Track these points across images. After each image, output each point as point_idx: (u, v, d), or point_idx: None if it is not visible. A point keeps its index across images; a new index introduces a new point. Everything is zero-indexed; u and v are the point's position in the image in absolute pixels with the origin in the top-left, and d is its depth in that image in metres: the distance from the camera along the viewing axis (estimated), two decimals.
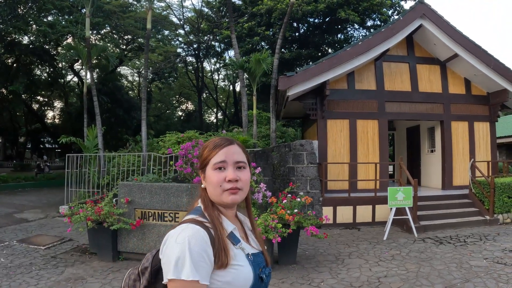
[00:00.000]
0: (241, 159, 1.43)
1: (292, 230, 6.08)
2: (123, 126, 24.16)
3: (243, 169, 1.42)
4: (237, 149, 1.44)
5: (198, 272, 1.20)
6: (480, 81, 12.70)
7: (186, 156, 7.07)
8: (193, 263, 1.20)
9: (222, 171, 1.39)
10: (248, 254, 1.38)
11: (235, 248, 1.35)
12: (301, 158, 10.92)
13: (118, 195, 6.94)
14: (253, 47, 22.42)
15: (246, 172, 1.43)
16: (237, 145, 1.46)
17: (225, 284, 1.27)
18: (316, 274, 6.04)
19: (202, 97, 33.57)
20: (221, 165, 1.39)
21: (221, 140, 1.45)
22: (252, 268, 1.34)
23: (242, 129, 14.55)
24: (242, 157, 1.44)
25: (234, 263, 1.29)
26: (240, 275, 1.30)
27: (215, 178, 1.39)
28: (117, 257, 6.80)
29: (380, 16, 22.15)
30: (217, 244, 1.28)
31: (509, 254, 7.20)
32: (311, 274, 5.99)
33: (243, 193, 1.41)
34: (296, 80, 10.86)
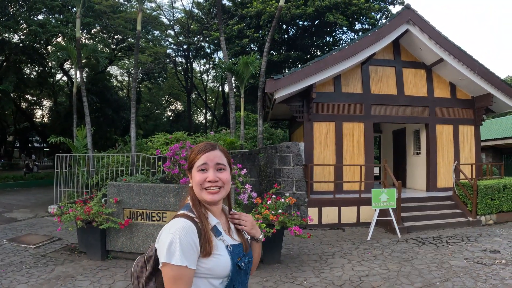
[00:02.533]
0: (221, 161, 1.64)
1: (276, 230, 6.23)
2: (112, 126, 24.18)
3: (223, 171, 1.63)
4: (218, 153, 1.65)
5: (187, 259, 1.41)
6: (465, 85, 12.99)
7: (173, 157, 7.20)
8: (182, 251, 1.41)
9: (204, 173, 1.60)
10: (228, 245, 1.59)
11: (216, 240, 1.56)
12: (287, 160, 11.10)
13: (107, 195, 7.07)
14: (242, 49, 22.57)
15: (225, 173, 1.64)
16: (219, 150, 1.68)
17: (207, 270, 1.50)
18: (300, 273, 6.20)
19: (191, 97, 33.60)
20: (203, 167, 1.61)
21: (205, 146, 1.67)
22: (230, 258, 1.55)
23: (230, 130, 14.67)
24: (222, 160, 1.65)
25: (215, 253, 1.51)
26: (220, 263, 1.52)
27: (197, 178, 1.61)
28: (106, 256, 6.92)
29: (368, 20, 22.43)
30: (202, 236, 1.49)
31: (490, 254, 7.40)
32: (294, 273, 6.16)
33: (224, 191, 1.63)
34: (283, 83, 11.01)
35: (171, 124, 36.70)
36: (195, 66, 33.68)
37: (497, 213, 10.75)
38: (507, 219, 10.90)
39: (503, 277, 5.97)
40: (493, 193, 10.67)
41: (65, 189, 11.77)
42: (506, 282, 5.77)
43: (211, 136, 13.88)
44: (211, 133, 14.34)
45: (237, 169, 7.49)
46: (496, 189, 10.72)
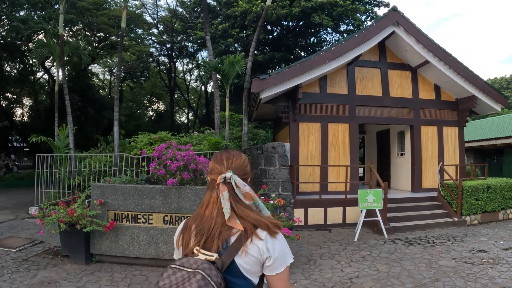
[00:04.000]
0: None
1: None
2: (94, 126, 23.76)
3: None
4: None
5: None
6: (449, 87, 13.14)
7: (159, 157, 7.04)
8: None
9: None
10: None
11: None
12: (273, 161, 11.00)
13: (91, 197, 6.84)
14: (226, 49, 22.46)
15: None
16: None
17: None
18: (289, 275, 6.10)
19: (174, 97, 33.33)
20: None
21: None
22: None
23: (215, 130, 14.54)
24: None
25: None
26: None
27: None
28: (90, 259, 6.69)
29: (353, 21, 22.55)
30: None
31: (477, 254, 7.49)
32: None
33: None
34: (269, 83, 10.94)
35: (152, 124, 36.26)
36: (178, 66, 33.50)
37: (482, 213, 10.90)
38: (491, 219, 11.07)
39: (492, 277, 6.02)
40: (477, 194, 10.79)
41: (46, 190, 11.45)
42: (495, 281, 5.81)
43: (195, 136, 13.73)
44: (194, 133, 14.19)
45: None
46: (480, 190, 10.86)
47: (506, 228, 10.23)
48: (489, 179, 12.25)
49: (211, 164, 1.71)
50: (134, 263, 6.58)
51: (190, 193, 6.53)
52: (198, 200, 6.44)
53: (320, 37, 25.55)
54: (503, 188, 11.29)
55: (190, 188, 6.58)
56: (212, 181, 1.67)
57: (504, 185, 11.34)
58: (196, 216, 1.66)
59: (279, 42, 24.09)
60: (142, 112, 41.69)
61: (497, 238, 9.03)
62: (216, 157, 1.73)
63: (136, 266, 6.50)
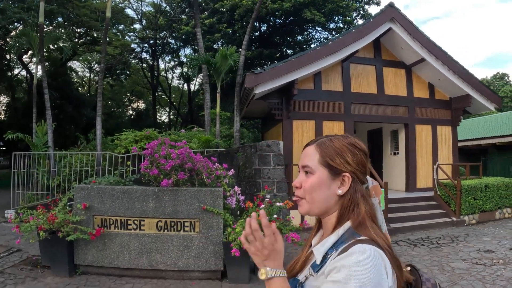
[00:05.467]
0: (306, 162, 1.22)
1: None
2: (72, 124, 22.81)
3: (309, 174, 1.21)
4: (308, 151, 1.25)
5: None
6: (444, 86, 12.90)
7: (152, 155, 6.39)
8: None
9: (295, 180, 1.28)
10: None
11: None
12: (267, 160, 10.45)
13: (74, 200, 6.08)
14: (212, 45, 21.88)
15: (310, 179, 1.20)
16: (312, 145, 1.26)
17: None
18: None
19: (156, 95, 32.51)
20: (299, 170, 1.28)
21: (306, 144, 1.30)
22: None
23: (205, 128, 13.94)
24: (308, 159, 1.22)
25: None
26: None
27: None
28: (74, 271, 5.91)
29: (343, 19, 22.25)
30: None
31: (485, 254, 7.25)
32: None
33: (305, 203, 1.22)
34: (264, 78, 10.42)
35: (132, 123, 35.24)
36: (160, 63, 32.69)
37: (480, 213, 10.76)
38: (488, 218, 10.94)
39: (509, 278, 5.86)
40: (476, 193, 10.59)
41: (23, 192, 10.62)
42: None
43: (183, 134, 13.13)
44: (181, 131, 13.59)
45: (223, 170, 6.76)
46: (478, 189, 10.67)
47: (505, 227, 10.07)
48: (485, 178, 12.09)
49: (365, 160, 1.24)
50: (124, 274, 5.84)
51: (187, 196, 5.89)
52: (196, 203, 5.83)
53: (309, 35, 25.16)
54: (500, 187, 11.18)
55: (187, 189, 5.95)
56: (362, 184, 1.22)
57: (501, 184, 11.25)
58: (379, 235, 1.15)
59: (267, 39, 23.60)
60: (122, 110, 40.61)
61: (499, 237, 8.86)
62: (360, 145, 1.25)
63: (127, 278, 5.77)
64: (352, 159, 1.18)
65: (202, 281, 5.66)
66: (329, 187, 1.18)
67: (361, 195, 1.17)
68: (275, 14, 21.59)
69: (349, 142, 1.22)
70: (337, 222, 1.18)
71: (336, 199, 1.18)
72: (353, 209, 1.16)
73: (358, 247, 1.04)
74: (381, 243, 1.08)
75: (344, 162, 1.17)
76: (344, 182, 1.17)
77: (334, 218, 1.19)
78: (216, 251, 5.71)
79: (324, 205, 1.19)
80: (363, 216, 1.14)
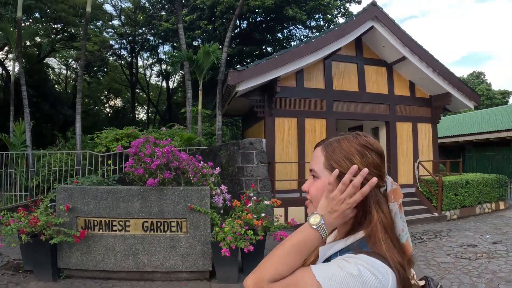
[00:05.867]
0: (312, 165, 1.17)
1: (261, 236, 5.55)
2: (49, 122, 22.22)
3: (316, 179, 1.15)
4: (315, 153, 1.18)
5: None
6: (424, 84, 13.08)
7: (137, 154, 6.24)
8: None
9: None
10: None
11: None
12: (250, 157, 10.39)
13: (56, 201, 5.86)
14: (191, 42, 21.67)
15: (315, 184, 1.15)
16: (321, 148, 1.17)
17: None
18: None
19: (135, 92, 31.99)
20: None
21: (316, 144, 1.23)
22: None
23: (185, 125, 13.75)
24: (315, 162, 1.16)
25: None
26: None
27: None
28: (58, 275, 5.69)
29: (324, 17, 22.30)
30: None
31: (469, 249, 7.43)
32: None
33: (313, 207, 1.15)
34: (247, 75, 10.35)
35: (110, 121, 34.63)
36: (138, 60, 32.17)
37: (460, 208, 11.00)
38: (469, 213, 11.20)
39: (494, 271, 6.00)
40: (456, 189, 10.81)
41: (1, 193, 10.27)
42: (499, 275, 5.79)
43: (164, 132, 12.93)
44: (162, 129, 13.38)
45: (209, 168, 6.67)
46: (459, 185, 10.90)
47: (486, 222, 10.31)
48: (465, 175, 12.36)
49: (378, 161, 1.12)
50: (110, 277, 5.66)
51: (174, 195, 5.76)
52: (183, 203, 5.72)
53: (289, 32, 25.16)
54: (480, 183, 11.47)
55: (173, 189, 5.82)
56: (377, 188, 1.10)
57: (480, 180, 11.55)
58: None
59: (247, 36, 23.51)
60: (99, 108, 39.84)
61: (481, 232, 9.07)
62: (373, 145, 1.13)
63: (113, 280, 5.60)
64: (360, 161, 1.07)
65: (190, 281, 5.56)
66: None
67: (374, 201, 1.07)
68: (256, 12, 21.50)
69: (359, 142, 1.11)
70: (351, 229, 1.10)
71: None
72: (365, 217, 1.06)
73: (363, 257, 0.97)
74: (390, 261, 0.98)
75: (350, 165, 1.05)
76: None
77: (348, 226, 1.10)
78: (204, 251, 5.62)
79: None
80: (375, 225, 1.04)
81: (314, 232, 1.02)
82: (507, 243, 7.94)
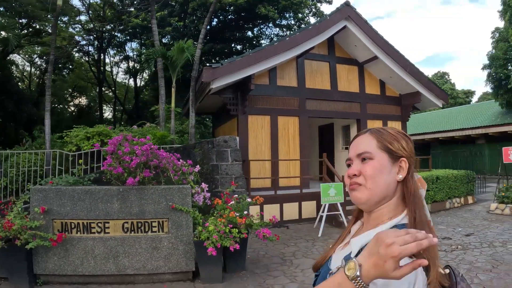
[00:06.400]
0: (364, 149, 1.18)
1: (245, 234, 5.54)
2: (13, 121, 21.37)
3: (368, 160, 1.16)
4: (363, 138, 1.22)
5: None
6: (394, 83, 13.41)
7: (115, 153, 6.08)
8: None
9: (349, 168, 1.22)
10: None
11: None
12: (225, 155, 10.34)
13: (31, 203, 5.59)
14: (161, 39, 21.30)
15: (370, 164, 1.15)
16: (368, 134, 1.23)
17: None
18: (273, 279, 5.57)
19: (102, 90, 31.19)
20: (348, 163, 1.24)
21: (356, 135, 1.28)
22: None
23: (155, 124, 13.51)
24: (366, 146, 1.18)
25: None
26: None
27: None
28: (34, 281, 5.43)
29: (294, 16, 22.41)
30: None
31: (444, 241, 7.76)
32: (268, 281, 5.50)
33: (365, 190, 1.14)
34: (221, 72, 10.27)
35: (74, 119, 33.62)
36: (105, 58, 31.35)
37: (431, 203, 11.39)
38: (440, 208, 11.64)
39: (471, 261, 6.28)
40: (428, 184, 11.10)
41: None
42: (476, 265, 6.07)
43: (136, 130, 12.66)
44: (134, 127, 13.11)
45: (188, 166, 6.58)
46: (430, 181, 11.23)
47: (456, 216, 10.73)
48: (435, 171, 12.78)
49: (413, 148, 1.22)
50: (89, 282, 5.47)
51: (154, 194, 5.64)
52: (164, 202, 5.62)
53: (260, 30, 25.15)
54: (449, 178, 11.90)
55: (154, 188, 5.69)
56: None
57: (450, 176, 11.98)
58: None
59: (217, 34, 23.36)
60: (63, 107, 38.61)
61: (453, 225, 9.42)
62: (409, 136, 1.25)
63: (93, 285, 5.43)
64: (406, 145, 1.18)
65: (173, 283, 5.47)
66: (389, 172, 1.14)
67: (415, 182, 1.15)
68: (228, 9, 21.36)
69: (400, 131, 1.22)
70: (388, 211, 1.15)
71: (395, 186, 1.15)
72: (413, 195, 1.12)
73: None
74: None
75: (401, 147, 1.16)
76: (402, 168, 1.15)
77: (385, 208, 1.15)
78: (186, 251, 5.54)
79: (385, 191, 1.13)
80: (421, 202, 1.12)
81: (348, 283, 0.89)
82: (479, 235, 8.31)
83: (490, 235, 8.25)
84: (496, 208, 11.06)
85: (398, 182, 1.15)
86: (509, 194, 10.95)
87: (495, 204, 11.22)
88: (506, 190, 11.24)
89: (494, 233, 8.49)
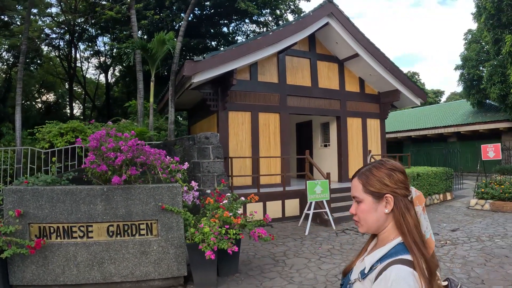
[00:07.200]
0: (354, 193, 1.44)
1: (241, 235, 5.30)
2: None
3: (360, 203, 1.41)
4: (355, 182, 1.44)
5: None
6: (374, 81, 13.47)
7: (98, 149, 5.66)
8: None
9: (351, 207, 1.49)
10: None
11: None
12: (206, 153, 10.01)
13: (4, 206, 5.07)
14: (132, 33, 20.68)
15: (360, 206, 1.41)
16: (357, 178, 1.44)
17: None
18: (269, 281, 5.34)
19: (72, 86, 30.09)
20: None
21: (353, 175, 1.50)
22: None
23: (138, 119, 13.06)
24: (355, 191, 1.43)
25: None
26: None
27: None
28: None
29: (272, 12, 22.23)
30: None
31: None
32: (265, 283, 5.27)
33: (361, 225, 1.43)
34: (203, 66, 9.93)
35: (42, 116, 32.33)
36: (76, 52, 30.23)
37: None
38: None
39: (463, 256, 6.37)
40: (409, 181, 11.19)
41: None
42: (469, 259, 6.16)
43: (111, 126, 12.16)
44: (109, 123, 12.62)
45: (176, 163, 6.24)
46: (411, 177, 11.32)
47: (438, 212, 10.89)
48: (416, 168, 12.93)
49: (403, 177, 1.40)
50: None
51: (142, 194, 5.27)
52: (152, 202, 5.27)
53: (236, 26, 24.82)
54: (429, 175, 12.07)
55: (141, 187, 5.32)
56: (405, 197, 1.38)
57: (430, 173, 12.16)
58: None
59: (193, 29, 22.85)
60: (30, 103, 37.04)
61: (437, 221, 9.54)
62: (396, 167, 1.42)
63: None
64: (389, 181, 1.35)
65: None
66: (376, 210, 1.36)
67: (405, 208, 1.33)
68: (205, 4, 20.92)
69: (386, 167, 1.39)
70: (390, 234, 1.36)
71: (385, 217, 1.35)
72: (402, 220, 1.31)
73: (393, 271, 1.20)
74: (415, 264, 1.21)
75: (383, 186, 1.35)
76: (388, 202, 1.34)
77: (387, 232, 1.36)
78: (178, 254, 5.22)
79: (376, 224, 1.37)
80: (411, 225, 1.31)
81: None
82: (465, 230, 8.44)
83: (476, 230, 8.39)
84: (476, 204, 11.26)
85: (386, 214, 1.34)
86: (488, 190, 11.15)
87: (474, 200, 11.42)
88: (486, 186, 11.45)
89: (478, 227, 8.64)
